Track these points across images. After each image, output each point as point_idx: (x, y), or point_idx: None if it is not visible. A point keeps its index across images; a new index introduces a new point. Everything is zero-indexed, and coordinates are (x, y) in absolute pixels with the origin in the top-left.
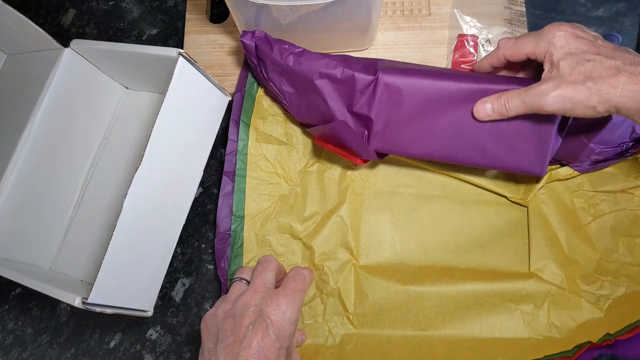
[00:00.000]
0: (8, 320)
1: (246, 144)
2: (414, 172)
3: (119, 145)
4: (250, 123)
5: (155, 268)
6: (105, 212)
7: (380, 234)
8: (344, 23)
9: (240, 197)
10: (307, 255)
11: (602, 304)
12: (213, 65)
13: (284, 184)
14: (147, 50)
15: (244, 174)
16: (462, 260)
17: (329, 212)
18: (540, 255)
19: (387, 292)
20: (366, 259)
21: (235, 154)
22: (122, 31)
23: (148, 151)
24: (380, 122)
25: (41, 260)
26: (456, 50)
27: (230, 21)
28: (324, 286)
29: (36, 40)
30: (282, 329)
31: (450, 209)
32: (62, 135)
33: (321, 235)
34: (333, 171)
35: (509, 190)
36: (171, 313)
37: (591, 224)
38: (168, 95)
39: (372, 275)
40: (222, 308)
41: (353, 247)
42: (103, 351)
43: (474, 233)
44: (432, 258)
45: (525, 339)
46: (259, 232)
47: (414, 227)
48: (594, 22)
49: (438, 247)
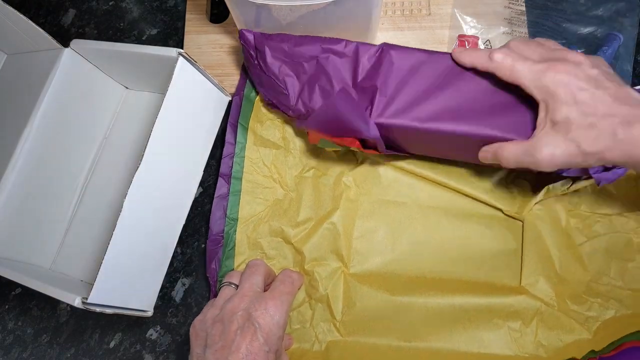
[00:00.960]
0: (8, 320)
1: (244, 147)
2: (409, 182)
3: (119, 145)
4: (249, 126)
5: (155, 268)
6: (105, 212)
7: (372, 242)
8: (344, 23)
9: (235, 200)
10: (298, 260)
11: (591, 325)
12: (213, 65)
13: (279, 189)
14: (147, 50)
15: (240, 176)
16: (453, 272)
17: (322, 218)
18: (532, 270)
19: (375, 301)
20: (356, 266)
21: (232, 156)
22: (122, 31)
23: (148, 151)
24: (385, 91)
25: (41, 260)
26: None
27: (230, 21)
28: (313, 292)
29: (36, 40)
30: (271, 333)
31: (444, 220)
32: (62, 135)
33: (312, 241)
34: (328, 177)
35: (505, 204)
36: (171, 313)
37: (585, 244)
38: (168, 95)
39: (361, 283)
40: (211, 313)
41: (344, 254)
42: (103, 351)
43: (466, 245)
44: (423, 269)
45: (511, 356)
46: (251, 235)
47: (407, 236)
48: (593, 22)
49: (430, 258)
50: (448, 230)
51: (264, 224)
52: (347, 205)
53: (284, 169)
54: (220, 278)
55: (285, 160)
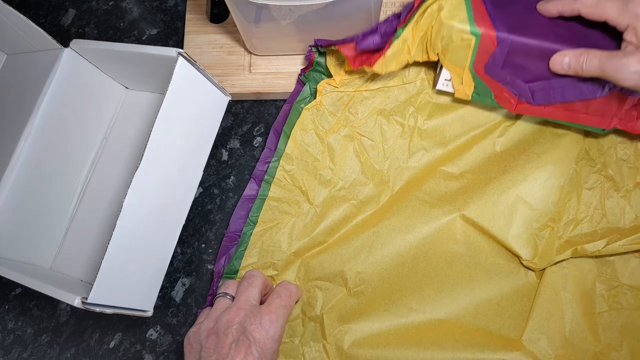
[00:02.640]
0: (8, 320)
1: (281, 155)
2: (430, 212)
3: (119, 145)
4: (291, 135)
5: (155, 268)
6: (106, 212)
7: (381, 273)
8: (344, 23)
9: (260, 204)
10: (300, 275)
11: None
12: (213, 65)
13: (305, 203)
14: (147, 50)
15: (271, 182)
16: (454, 314)
17: (338, 240)
18: (537, 327)
19: (370, 332)
20: (358, 295)
21: (268, 162)
22: (122, 31)
23: (147, 151)
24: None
25: (41, 260)
26: None
27: (230, 21)
28: (309, 310)
29: (36, 40)
30: (265, 347)
31: (458, 263)
32: (62, 135)
33: (321, 259)
34: (354, 200)
35: (527, 252)
36: (171, 313)
37: (604, 314)
38: (167, 95)
39: (359, 313)
40: (205, 325)
41: (349, 279)
42: (103, 351)
43: (474, 290)
44: (425, 305)
45: None
46: (265, 241)
47: (415, 271)
48: None
49: (434, 296)
50: (458, 272)
51: (281, 233)
52: (365, 230)
53: (315, 184)
54: (225, 276)
55: (318, 175)
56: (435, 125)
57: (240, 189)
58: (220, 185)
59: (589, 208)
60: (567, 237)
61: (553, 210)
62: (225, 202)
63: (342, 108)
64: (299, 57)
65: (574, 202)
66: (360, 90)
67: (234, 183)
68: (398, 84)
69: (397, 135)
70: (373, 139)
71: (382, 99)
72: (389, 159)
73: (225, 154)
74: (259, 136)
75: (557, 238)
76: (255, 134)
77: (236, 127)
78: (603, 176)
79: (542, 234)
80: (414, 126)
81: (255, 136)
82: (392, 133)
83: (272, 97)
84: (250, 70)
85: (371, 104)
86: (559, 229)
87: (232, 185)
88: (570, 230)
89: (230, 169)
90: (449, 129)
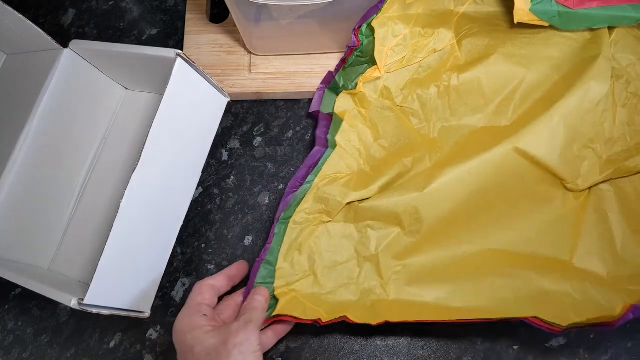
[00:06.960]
0: (8, 320)
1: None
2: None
3: (118, 146)
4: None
5: (153, 269)
6: (104, 213)
7: (437, 213)
8: (344, 23)
9: (323, 162)
10: (350, 217)
11: None
12: (213, 66)
13: (363, 163)
14: (146, 51)
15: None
16: (505, 243)
17: (392, 189)
18: (587, 249)
19: (427, 267)
20: (413, 234)
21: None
22: (122, 31)
23: (145, 152)
24: None
25: (40, 261)
26: None
27: (230, 21)
28: (364, 250)
29: (36, 40)
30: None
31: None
32: (61, 135)
33: (372, 203)
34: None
35: (570, 174)
36: (171, 313)
37: None
38: (166, 96)
39: (413, 250)
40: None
41: (403, 220)
42: (103, 351)
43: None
44: (477, 237)
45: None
46: (320, 188)
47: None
48: None
49: (484, 229)
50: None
51: (337, 184)
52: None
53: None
54: (283, 219)
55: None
56: (470, 78)
57: (240, 189)
58: (220, 186)
59: (624, 125)
60: (607, 157)
61: (592, 130)
62: (225, 202)
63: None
64: (299, 57)
65: (609, 122)
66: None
67: (233, 183)
68: (429, 54)
69: (435, 96)
70: (412, 107)
71: (415, 68)
72: (431, 121)
73: (225, 154)
74: (259, 136)
75: (598, 158)
76: (255, 134)
77: (236, 127)
78: (630, 93)
79: (584, 154)
80: (448, 85)
81: (255, 136)
82: (429, 97)
83: (272, 97)
84: (250, 70)
85: (405, 76)
86: (599, 148)
87: (232, 186)
88: (609, 149)
89: (230, 169)
90: (485, 81)
